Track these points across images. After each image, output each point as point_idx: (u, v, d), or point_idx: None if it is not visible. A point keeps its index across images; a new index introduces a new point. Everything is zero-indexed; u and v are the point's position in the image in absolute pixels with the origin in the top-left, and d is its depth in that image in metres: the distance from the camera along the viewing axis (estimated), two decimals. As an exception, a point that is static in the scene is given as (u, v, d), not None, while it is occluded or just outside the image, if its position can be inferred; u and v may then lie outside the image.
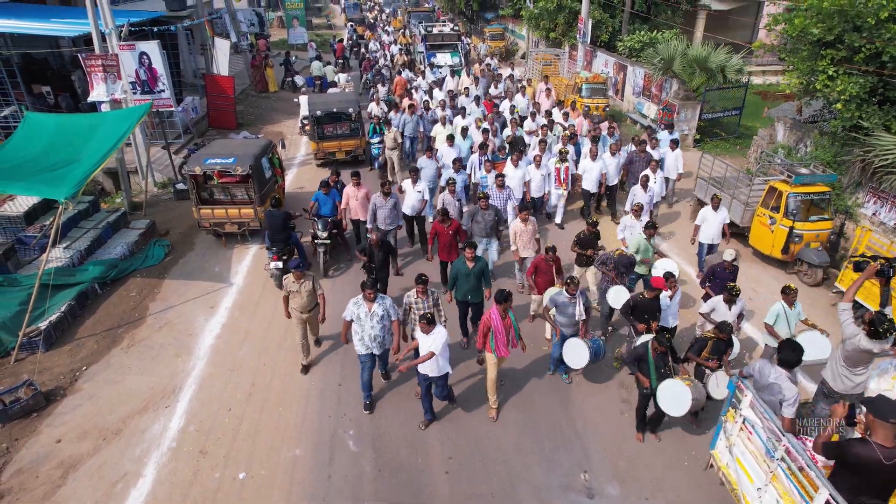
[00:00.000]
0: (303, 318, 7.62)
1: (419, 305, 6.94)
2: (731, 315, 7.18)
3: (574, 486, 6.30)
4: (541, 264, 8.09)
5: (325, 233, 9.79)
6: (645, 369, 6.43)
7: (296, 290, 7.42)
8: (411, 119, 14.41)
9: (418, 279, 6.88)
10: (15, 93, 14.45)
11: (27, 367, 7.96)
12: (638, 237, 8.73)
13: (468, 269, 7.58)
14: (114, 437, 6.91)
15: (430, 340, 6.25)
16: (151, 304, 9.51)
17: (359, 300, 6.70)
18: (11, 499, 6.09)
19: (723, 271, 8.03)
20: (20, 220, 10.29)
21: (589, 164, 11.62)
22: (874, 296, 8.26)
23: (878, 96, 10.21)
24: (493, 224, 9.22)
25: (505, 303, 6.51)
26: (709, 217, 9.59)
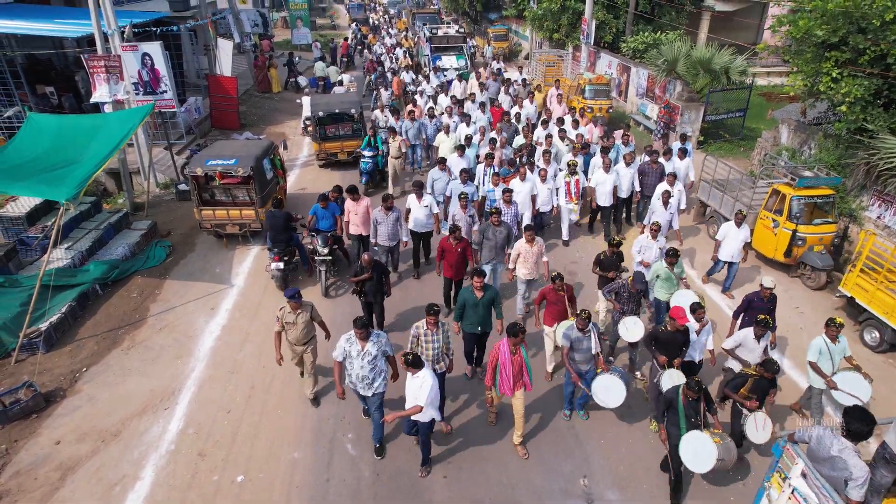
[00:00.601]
0: (298, 352, 7.06)
1: (428, 338, 6.34)
2: (759, 349, 6.61)
3: (573, 492, 6.26)
4: (549, 294, 7.31)
5: (326, 248, 9.31)
6: (674, 417, 5.78)
7: (292, 321, 6.79)
8: (413, 126, 14.04)
9: (429, 309, 6.25)
10: (19, 93, 14.53)
11: (27, 368, 7.97)
12: (659, 265, 8.02)
13: (476, 298, 6.96)
14: (113, 440, 6.91)
15: (417, 386, 5.65)
16: (152, 306, 9.51)
17: (351, 337, 6.04)
18: (9, 500, 6.09)
19: (760, 301, 7.29)
20: (22, 221, 10.32)
21: (602, 177, 10.86)
22: (887, 306, 8.17)
23: (884, 98, 10.13)
24: (504, 243, 8.67)
25: (517, 337, 5.96)
26: (730, 233, 9.07)
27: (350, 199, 9.51)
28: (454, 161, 11.59)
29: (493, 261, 8.72)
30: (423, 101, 16.89)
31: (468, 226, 9.48)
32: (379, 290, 8.05)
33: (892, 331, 8.04)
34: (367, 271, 7.79)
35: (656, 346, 6.64)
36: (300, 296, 6.79)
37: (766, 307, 7.24)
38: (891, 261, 8.12)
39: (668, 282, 8.00)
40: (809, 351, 6.61)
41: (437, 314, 6.27)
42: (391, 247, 9.49)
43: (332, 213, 9.65)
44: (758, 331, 6.54)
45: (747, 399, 6.00)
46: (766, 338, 6.62)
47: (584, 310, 6.47)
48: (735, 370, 6.77)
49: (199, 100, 17.65)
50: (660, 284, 8.08)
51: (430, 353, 6.34)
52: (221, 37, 19.00)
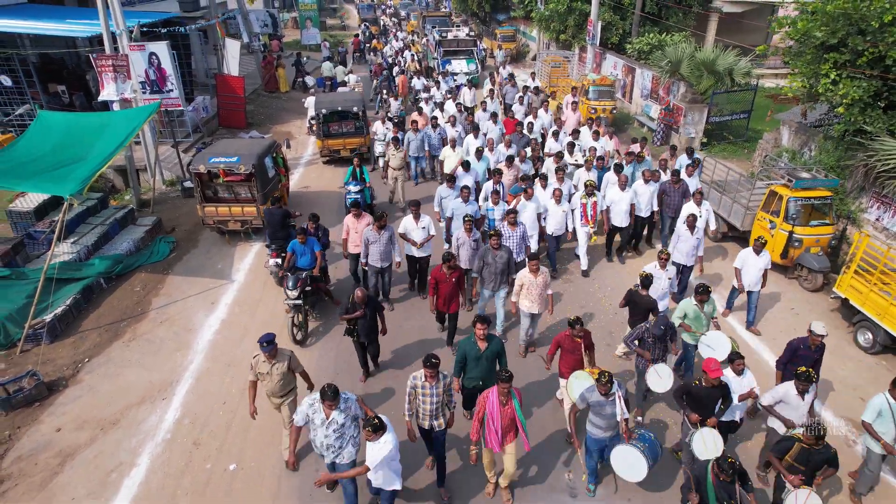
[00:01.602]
0: (275, 405, 6.31)
1: (426, 391, 5.65)
2: (805, 406, 5.82)
3: (557, 487, 6.34)
4: (565, 342, 6.50)
5: (295, 291, 8.09)
6: (704, 495, 5.02)
7: (266, 371, 6.01)
8: (416, 137, 13.36)
9: (427, 361, 5.52)
10: (31, 91, 14.85)
11: (32, 358, 8.19)
12: (687, 303, 7.17)
13: (479, 350, 6.11)
14: (111, 428, 7.10)
15: (377, 450, 5.01)
16: (154, 300, 9.72)
17: (315, 403, 5.29)
18: (10, 484, 6.30)
19: (807, 349, 6.44)
20: (30, 216, 10.59)
21: (617, 195, 9.98)
22: (880, 307, 8.19)
23: (884, 101, 10.10)
24: (505, 268, 7.92)
25: (506, 384, 5.30)
26: (749, 260, 8.35)
27: (353, 214, 9.01)
28: (461, 176, 10.77)
29: (493, 289, 8.08)
30: (429, 109, 16.04)
31: (472, 251, 8.59)
32: (373, 328, 7.36)
33: (885, 333, 8.04)
34: (359, 308, 7.11)
35: (688, 402, 5.88)
36: (275, 343, 5.94)
37: (812, 356, 6.43)
38: (884, 262, 8.12)
39: (696, 322, 7.10)
40: (867, 409, 5.82)
41: (437, 366, 5.55)
42: (383, 268, 8.84)
43: (311, 249, 8.63)
44: (800, 385, 5.71)
45: (790, 469, 5.22)
46: (811, 392, 5.79)
47: (605, 372, 5.57)
48: (779, 431, 5.97)
49: (207, 99, 17.92)
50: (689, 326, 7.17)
51: (429, 406, 5.68)
52: (230, 37, 19.27)
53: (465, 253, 8.57)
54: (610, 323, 9.09)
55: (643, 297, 7.23)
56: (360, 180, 11.40)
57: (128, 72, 12.17)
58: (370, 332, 7.34)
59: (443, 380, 5.70)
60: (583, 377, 6.10)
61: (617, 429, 5.74)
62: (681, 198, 10.06)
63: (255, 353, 6.08)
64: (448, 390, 5.80)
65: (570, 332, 6.41)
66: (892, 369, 8.14)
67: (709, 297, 7.04)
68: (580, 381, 6.04)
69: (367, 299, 7.13)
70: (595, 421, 5.74)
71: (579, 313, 9.02)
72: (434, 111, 15.69)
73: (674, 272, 8.01)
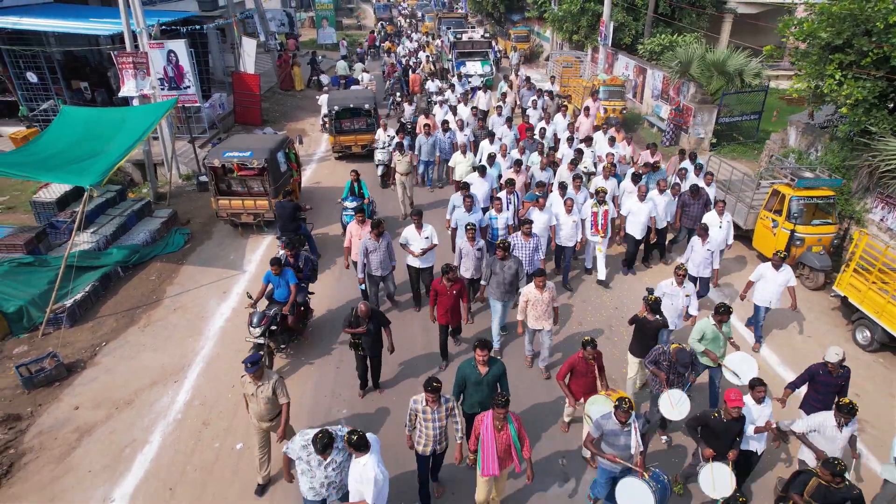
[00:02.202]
0: (262, 428, 6.05)
1: (428, 415, 5.44)
2: (841, 439, 5.41)
3: (552, 471, 6.54)
4: (578, 364, 6.21)
5: (258, 329, 7.35)
6: None
7: (251, 393, 5.77)
8: (427, 141, 12.98)
9: (428, 385, 5.28)
10: (55, 88, 15.37)
11: (52, 340, 8.57)
12: (705, 323, 6.77)
13: (479, 375, 5.83)
14: (126, 407, 7.44)
15: (358, 472, 4.82)
16: (169, 288, 10.08)
17: (309, 444, 4.97)
18: (32, 457, 6.66)
19: (827, 375, 6.07)
20: (53, 206, 11.02)
21: (635, 206, 9.66)
22: (878, 305, 8.27)
23: (890, 101, 10.13)
24: (514, 279, 7.73)
25: (503, 409, 5.04)
26: (766, 275, 7.93)
27: (357, 220, 8.79)
28: (475, 183, 10.33)
29: (502, 299, 7.85)
30: (442, 112, 15.61)
31: (476, 260, 8.38)
32: (377, 343, 7.14)
33: (883, 330, 8.11)
34: (362, 323, 6.86)
35: (703, 435, 5.54)
36: (259, 365, 5.64)
37: (835, 383, 6.07)
38: (882, 261, 8.19)
39: (714, 343, 6.74)
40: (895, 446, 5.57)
41: (438, 390, 5.31)
42: (384, 276, 8.63)
43: (286, 282, 7.86)
44: (840, 417, 5.33)
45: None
46: (851, 426, 5.38)
47: (625, 398, 5.22)
48: (809, 464, 5.55)
49: (224, 96, 18.34)
50: (704, 346, 6.79)
51: (431, 431, 5.48)
52: (247, 35, 19.69)
53: (470, 263, 8.34)
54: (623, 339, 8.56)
55: (650, 321, 6.79)
56: (358, 195, 10.90)
57: (147, 69, 12.58)
58: (374, 347, 7.14)
59: (445, 403, 5.47)
60: (601, 402, 5.79)
61: (630, 461, 5.29)
62: (702, 208, 9.79)
63: (242, 372, 5.85)
64: (452, 414, 5.54)
65: (583, 355, 6.12)
66: (889, 367, 8.22)
67: (728, 318, 6.65)
68: (598, 406, 5.75)
69: (371, 314, 6.86)
70: (607, 451, 5.35)
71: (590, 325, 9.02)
72: (446, 114, 15.29)
73: (692, 289, 7.53)
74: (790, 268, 7.98)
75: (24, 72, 14.81)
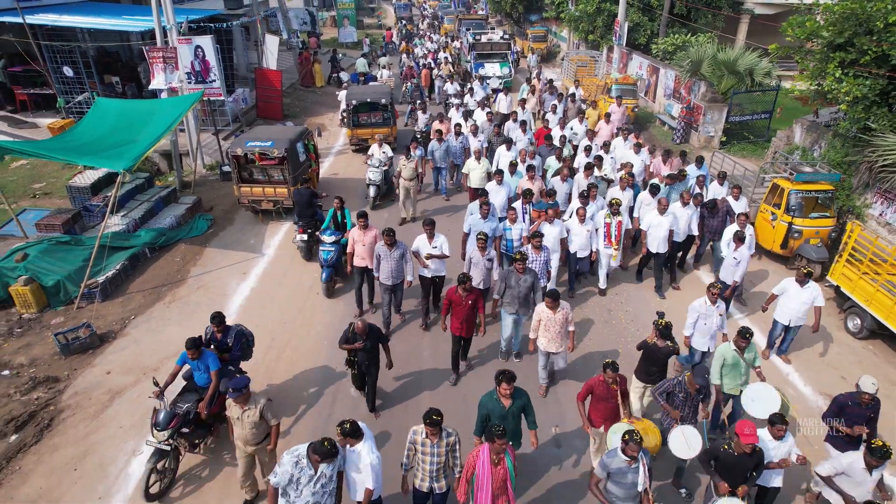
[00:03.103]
0: (247, 452, 5.75)
1: (426, 448, 5.07)
2: (871, 482, 5.02)
3: (543, 438, 6.95)
4: (598, 388, 5.79)
5: (164, 433, 5.96)
6: None
7: (237, 416, 5.55)
8: (440, 147, 12.61)
9: (427, 418, 4.92)
10: (89, 82, 16.20)
11: (86, 313, 9.25)
12: (725, 348, 6.28)
13: (503, 408, 5.45)
14: (153, 373, 8.02)
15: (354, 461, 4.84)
16: (192, 269, 10.72)
17: (301, 458, 4.75)
18: (69, 413, 7.30)
19: (857, 406, 5.63)
20: (87, 191, 11.76)
21: (656, 219, 9.20)
22: (867, 294, 8.54)
23: (892, 99, 10.35)
24: (529, 293, 7.46)
25: (499, 442, 4.68)
26: (790, 290, 7.53)
27: (360, 224, 8.52)
28: (493, 191, 10.11)
29: (517, 312, 7.59)
30: (457, 116, 15.07)
31: (486, 271, 8.14)
32: (374, 360, 6.85)
33: (872, 318, 8.39)
34: (359, 340, 6.63)
35: (717, 469, 5.20)
36: (242, 391, 5.45)
37: (865, 414, 5.63)
38: (872, 251, 8.47)
39: (734, 370, 6.26)
40: None
41: (438, 423, 4.94)
42: (395, 285, 8.42)
43: (206, 366, 6.42)
44: (871, 460, 4.93)
45: None
46: (881, 469, 5.00)
47: (633, 432, 4.87)
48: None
49: (247, 91, 19.08)
50: (725, 374, 6.33)
51: (429, 466, 5.12)
52: (270, 33, 20.40)
53: (479, 273, 8.07)
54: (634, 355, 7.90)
55: (661, 348, 6.33)
56: (339, 227, 9.77)
57: (176, 63, 13.28)
58: (370, 364, 6.86)
59: (446, 437, 5.09)
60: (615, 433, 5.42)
61: (636, 499, 5.00)
62: (724, 218, 9.48)
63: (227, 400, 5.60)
64: (453, 450, 5.16)
65: (604, 378, 5.67)
66: (877, 353, 8.50)
67: (749, 343, 6.18)
68: (619, 436, 5.21)
69: (369, 330, 6.64)
70: (613, 490, 5.01)
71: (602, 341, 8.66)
72: (460, 118, 14.80)
73: (724, 308, 7.15)
74: (817, 285, 7.59)
75: (61, 66, 15.65)
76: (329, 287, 9.50)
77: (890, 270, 8.30)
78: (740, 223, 8.67)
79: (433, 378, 8.05)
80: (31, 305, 9.13)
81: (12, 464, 6.56)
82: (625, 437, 4.80)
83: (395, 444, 6.79)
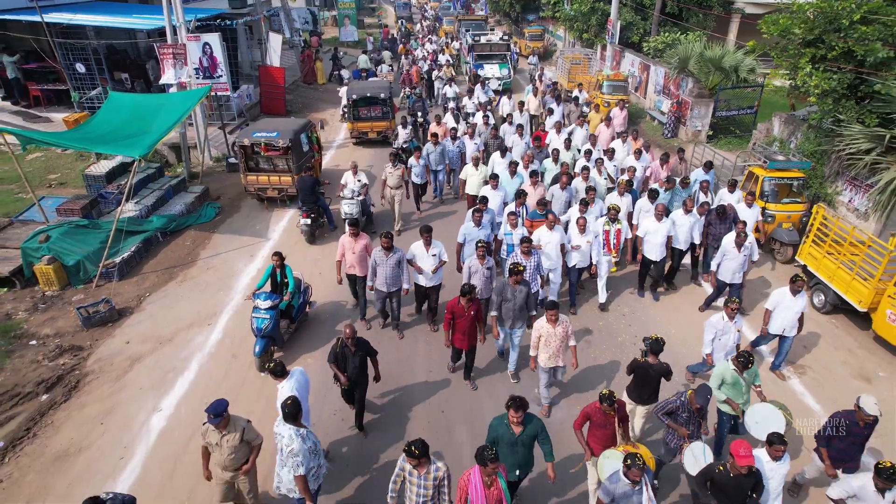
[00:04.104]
0: (225, 479, 5.46)
1: (413, 479, 4.88)
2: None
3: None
4: (595, 415, 5.58)
5: None
6: None
7: (215, 442, 5.26)
8: (435, 150, 12.30)
9: (408, 450, 4.72)
10: (100, 78, 16.87)
11: (104, 291, 9.92)
12: (724, 366, 6.16)
13: (513, 435, 5.16)
14: (168, 343, 8.73)
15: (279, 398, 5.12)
16: (202, 252, 11.40)
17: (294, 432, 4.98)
18: (94, 377, 7.98)
19: (856, 426, 5.53)
20: (102, 179, 12.43)
21: (653, 226, 9.03)
22: (830, 271, 9.20)
23: (860, 92, 11.01)
24: (524, 304, 7.25)
25: (490, 465, 4.52)
26: (784, 302, 7.41)
27: (350, 233, 8.41)
28: (489, 194, 9.86)
29: (514, 325, 7.40)
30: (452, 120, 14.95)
31: (486, 279, 7.92)
32: (362, 374, 6.58)
33: (834, 294, 9.05)
34: (347, 347, 6.40)
35: (712, 492, 5.09)
36: (223, 416, 5.14)
37: (862, 433, 5.55)
38: (834, 231, 9.13)
39: (734, 389, 6.13)
40: None
41: (421, 456, 4.71)
42: (390, 293, 8.31)
43: None
44: (880, 483, 4.81)
45: None
46: (893, 491, 4.84)
47: (636, 455, 4.75)
48: None
49: (251, 87, 19.76)
50: (724, 393, 6.19)
51: (415, 498, 4.92)
52: (273, 31, 21.09)
53: (479, 282, 7.82)
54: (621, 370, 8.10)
55: (653, 366, 6.16)
56: (280, 285, 8.30)
57: (185, 59, 13.96)
58: (358, 378, 6.60)
59: (434, 472, 4.81)
60: (615, 457, 5.25)
61: None
62: (730, 225, 9.21)
63: (204, 420, 5.29)
64: (440, 485, 4.87)
65: (601, 407, 5.47)
66: (839, 327, 9.15)
67: (749, 366, 6.03)
68: (611, 461, 5.20)
69: (358, 343, 6.48)
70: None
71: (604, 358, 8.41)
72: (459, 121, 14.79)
73: (742, 323, 7.00)
74: (805, 294, 7.54)
75: (73, 63, 16.33)
76: (263, 361, 7.79)
77: (850, 250, 8.95)
78: (738, 230, 8.52)
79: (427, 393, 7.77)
80: (53, 283, 9.81)
81: (45, 418, 7.24)
82: (626, 461, 4.66)
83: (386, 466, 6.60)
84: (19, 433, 6.98)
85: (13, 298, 9.62)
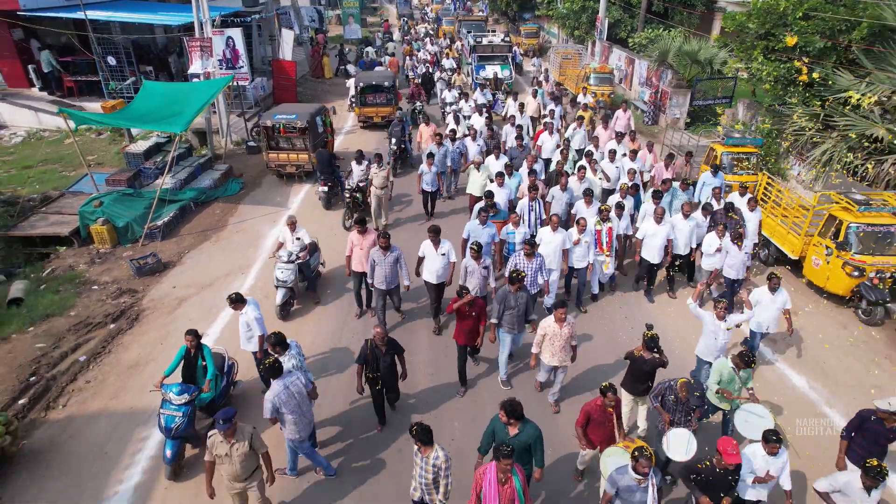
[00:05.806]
0: (237, 489, 5.44)
1: (417, 461, 5.18)
2: (871, 502, 4.95)
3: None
4: (594, 412, 5.70)
5: None
6: None
7: (224, 453, 5.19)
8: (439, 151, 12.40)
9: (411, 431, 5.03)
10: (129, 70, 18.48)
11: (150, 248, 11.50)
12: (722, 363, 6.27)
13: (507, 435, 5.30)
14: (208, 287, 10.32)
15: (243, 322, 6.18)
16: (230, 218, 13.00)
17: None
18: (150, 312, 9.58)
19: (879, 425, 5.53)
20: (140, 157, 14.05)
21: (652, 228, 9.04)
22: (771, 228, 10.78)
23: (808, 78, 12.59)
24: (524, 307, 7.18)
25: (505, 461, 4.62)
26: (763, 300, 7.53)
27: (357, 230, 8.53)
28: (495, 192, 10.03)
29: (513, 331, 7.35)
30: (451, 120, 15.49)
31: (482, 279, 7.98)
32: (393, 373, 6.76)
33: (775, 247, 10.63)
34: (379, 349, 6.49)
35: (696, 483, 5.19)
36: (232, 422, 5.11)
37: (885, 434, 5.54)
38: (774, 194, 10.72)
39: (729, 387, 6.24)
40: None
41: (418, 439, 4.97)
42: (389, 290, 8.40)
43: None
44: (867, 481, 4.89)
45: None
46: (879, 490, 4.94)
47: (644, 447, 4.79)
48: None
49: (265, 80, 21.37)
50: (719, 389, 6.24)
51: (419, 478, 5.17)
52: (285, 28, 22.70)
53: (475, 281, 7.94)
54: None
55: (647, 360, 6.26)
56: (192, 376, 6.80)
57: (210, 51, 15.56)
58: (391, 378, 6.75)
59: (434, 460, 4.98)
60: (617, 454, 5.32)
61: None
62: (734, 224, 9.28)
63: (210, 432, 5.28)
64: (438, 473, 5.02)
65: (601, 403, 5.61)
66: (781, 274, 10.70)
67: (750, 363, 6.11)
68: (614, 458, 5.27)
69: (388, 343, 6.55)
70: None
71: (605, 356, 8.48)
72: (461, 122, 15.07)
73: (734, 322, 7.00)
74: (784, 291, 7.64)
75: (105, 57, 17.93)
76: (174, 468, 6.44)
77: (784, 212, 10.53)
78: (719, 233, 8.78)
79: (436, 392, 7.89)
80: (106, 241, 11.41)
81: (115, 340, 8.84)
82: (634, 454, 4.70)
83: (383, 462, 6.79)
84: (97, 350, 8.58)
85: (73, 255, 11.22)
